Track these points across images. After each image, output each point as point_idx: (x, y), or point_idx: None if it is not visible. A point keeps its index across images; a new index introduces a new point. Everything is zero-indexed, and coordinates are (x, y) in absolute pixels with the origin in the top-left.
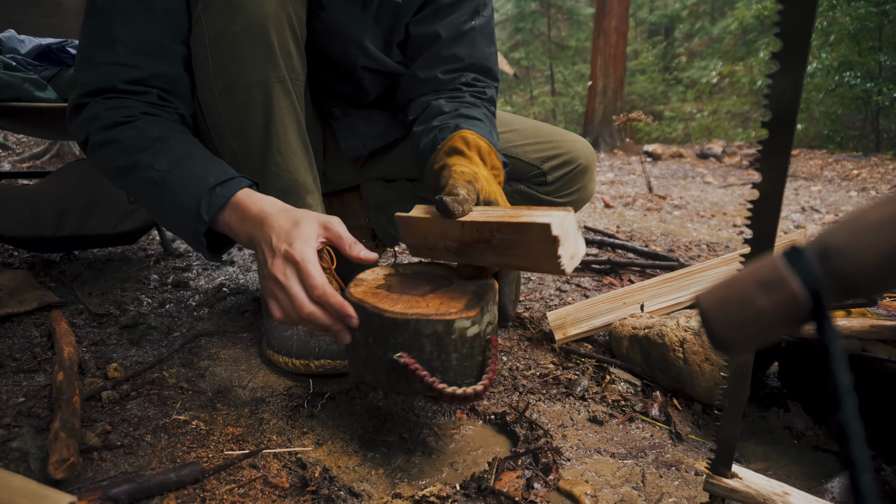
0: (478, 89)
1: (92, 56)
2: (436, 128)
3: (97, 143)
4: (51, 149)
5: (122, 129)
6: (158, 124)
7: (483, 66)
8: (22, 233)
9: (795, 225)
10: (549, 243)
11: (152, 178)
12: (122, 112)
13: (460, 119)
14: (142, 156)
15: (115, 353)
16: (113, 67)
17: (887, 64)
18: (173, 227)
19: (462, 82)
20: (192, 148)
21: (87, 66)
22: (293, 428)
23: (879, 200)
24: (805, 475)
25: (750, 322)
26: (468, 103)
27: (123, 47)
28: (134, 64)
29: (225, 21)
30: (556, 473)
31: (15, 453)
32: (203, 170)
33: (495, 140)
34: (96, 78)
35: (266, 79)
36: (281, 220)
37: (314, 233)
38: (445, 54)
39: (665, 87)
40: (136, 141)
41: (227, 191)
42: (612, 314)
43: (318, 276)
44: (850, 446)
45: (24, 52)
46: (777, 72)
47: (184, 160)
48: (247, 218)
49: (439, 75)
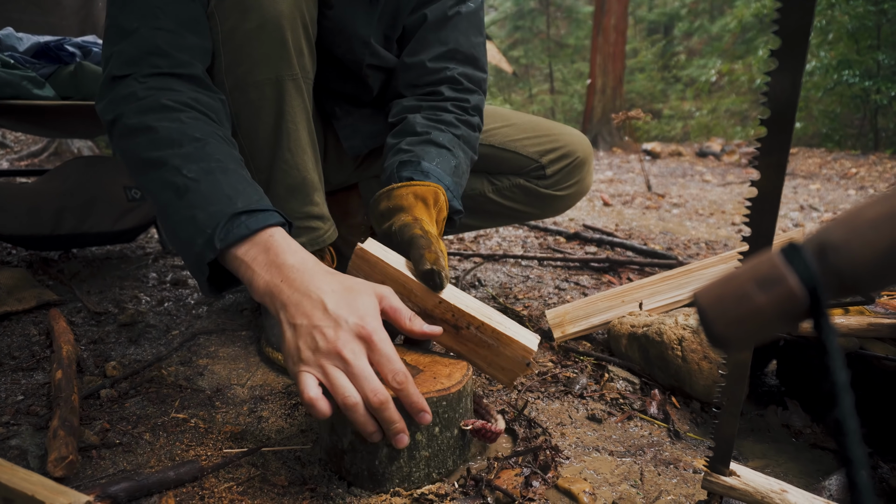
0: (461, 99)
1: (126, 24)
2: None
3: (129, 126)
4: (49, 147)
5: (163, 118)
6: (204, 123)
7: (470, 54)
8: (20, 231)
9: (794, 223)
10: (520, 362)
11: (174, 183)
12: (168, 94)
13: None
14: (172, 154)
15: (113, 352)
16: (154, 31)
17: (886, 62)
18: (178, 245)
19: (448, 77)
20: (230, 162)
21: (122, 35)
22: (292, 426)
23: (877, 197)
24: (803, 473)
25: (747, 319)
26: (444, 124)
27: (163, 13)
28: (175, 30)
29: (237, 18)
30: (554, 471)
31: (14, 451)
32: (234, 190)
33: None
34: (137, 42)
35: (279, 76)
36: (332, 285)
37: (376, 305)
38: (431, 38)
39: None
40: (172, 134)
41: (255, 223)
42: (610, 312)
43: (399, 363)
44: (847, 442)
45: (23, 49)
46: (776, 70)
47: (216, 172)
48: (277, 265)
49: (427, 63)
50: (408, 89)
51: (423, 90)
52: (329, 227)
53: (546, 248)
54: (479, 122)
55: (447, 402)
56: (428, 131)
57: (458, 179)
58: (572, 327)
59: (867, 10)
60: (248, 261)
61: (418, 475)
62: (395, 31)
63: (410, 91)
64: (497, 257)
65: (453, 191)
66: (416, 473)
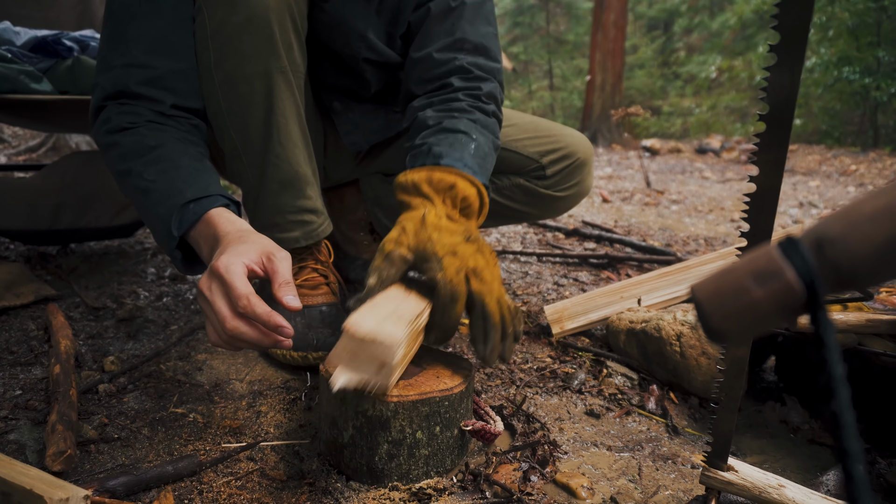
0: (472, 87)
1: (108, 59)
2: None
3: (103, 145)
4: (47, 142)
5: (125, 135)
6: (159, 132)
7: (479, 44)
8: (18, 226)
9: (793, 220)
10: None
11: (140, 187)
12: (129, 118)
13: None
14: (135, 163)
15: (111, 347)
16: (127, 69)
17: (886, 59)
18: (156, 237)
19: (457, 67)
20: (184, 158)
21: (104, 69)
22: (290, 421)
23: (874, 191)
24: (801, 468)
25: (744, 313)
26: (457, 111)
27: (136, 47)
28: (146, 64)
29: (226, 12)
30: (552, 466)
31: (12, 445)
32: (185, 183)
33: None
34: (112, 81)
35: (268, 69)
36: (232, 239)
37: (251, 255)
38: (436, 30)
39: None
40: (134, 147)
41: (200, 208)
42: (609, 308)
43: (243, 287)
44: (844, 435)
45: (20, 43)
46: (775, 65)
47: (170, 171)
48: (210, 237)
49: (434, 54)
50: (418, 85)
51: (434, 84)
52: (323, 220)
53: (545, 245)
54: (494, 110)
55: (449, 402)
56: (440, 121)
57: (481, 161)
58: (571, 323)
59: (867, 6)
60: (198, 241)
61: (417, 473)
62: (399, 28)
63: (421, 87)
64: (496, 253)
65: (472, 167)
66: (414, 471)
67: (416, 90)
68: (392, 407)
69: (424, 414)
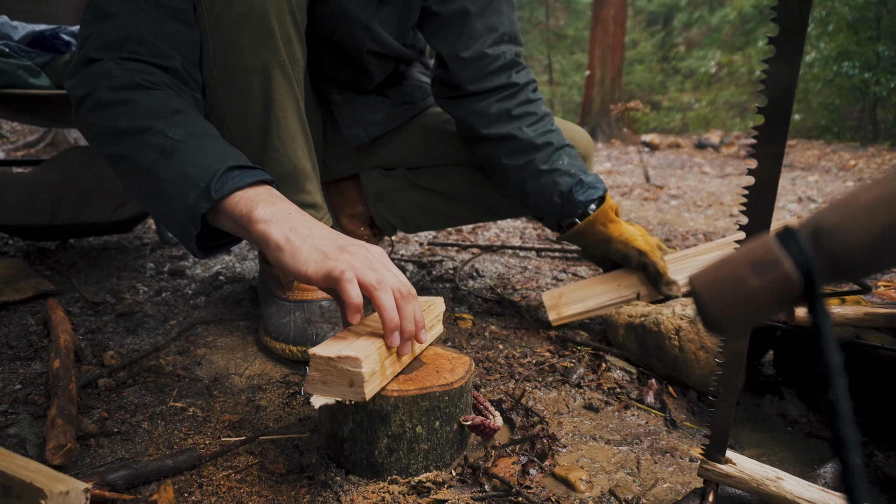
0: (529, 81)
1: (108, 7)
2: (548, 174)
3: (103, 100)
4: (45, 137)
5: (141, 92)
6: (182, 100)
7: (513, 33)
8: (17, 221)
9: (792, 215)
10: None
11: (160, 145)
12: (144, 76)
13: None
14: (156, 121)
15: (111, 342)
16: (136, 16)
17: (885, 54)
18: (163, 205)
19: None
20: (213, 129)
21: (101, 17)
22: (290, 415)
23: (872, 182)
24: (798, 461)
25: (742, 302)
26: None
27: (144, 2)
28: (157, 18)
29: (223, 5)
30: (551, 459)
31: (12, 439)
32: (222, 150)
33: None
34: (116, 26)
35: (266, 63)
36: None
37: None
38: (480, 27)
39: (663, 76)
40: (153, 107)
41: (248, 176)
42: (606, 295)
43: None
44: (840, 424)
45: (18, 38)
46: (774, 58)
47: (202, 136)
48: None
49: (487, 51)
50: (474, 82)
51: (493, 82)
52: (323, 215)
53: (544, 240)
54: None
55: (449, 396)
56: (549, 140)
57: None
58: (567, 309)
59: (867, 1)
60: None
61: (416, 467)
62: (412, 16)
63: (477, 84)
64: (495, 248)
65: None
66: (413, 465)
67: (472, 88)
68: (392, 401)
69: (424, 408)
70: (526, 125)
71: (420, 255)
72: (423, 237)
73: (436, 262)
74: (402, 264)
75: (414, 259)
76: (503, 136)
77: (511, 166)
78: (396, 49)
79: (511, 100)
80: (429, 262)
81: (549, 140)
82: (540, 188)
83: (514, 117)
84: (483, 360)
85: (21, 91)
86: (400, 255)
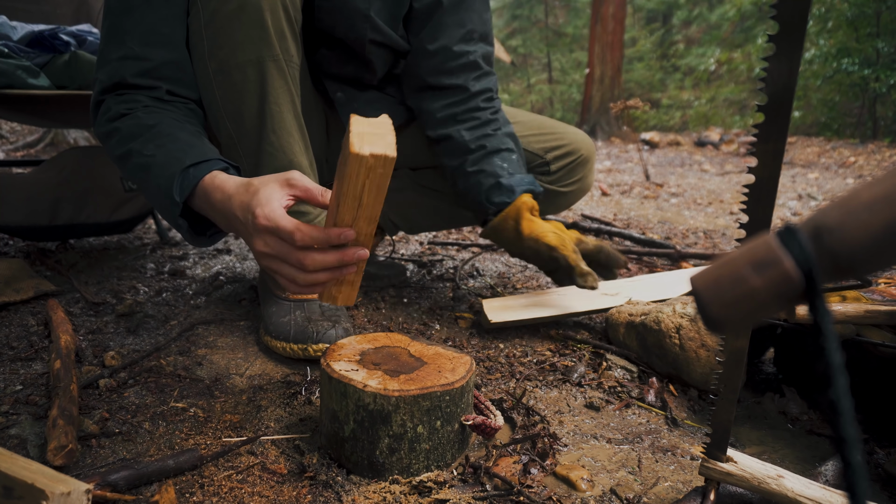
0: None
1: (106, 53)
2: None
3: (103, 134)
4: (45, 137)
5: (123, 120)
6: (156, 113)
7: (483, 32)
8: (17, 222)
9: (792, 212)
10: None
11: (140, 164)
12: (128, 105)
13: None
14: (134, 143)
15: (112, 342)
16: (123, 62)
17: (885, 51)
18: (162, 213)
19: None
20: (179, 132)
21: (102, 64)
22: (291, 415)
23: (872, 180)
24: (799, 459)
25: (743, 301)
26: (486, 125)
27: (131, 40)
28: (141, 56)
29: (218, 1)
30: (552, 458)
31: (13, 440)
32: (182, 152)
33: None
34: (109, 74)
35: (260, 57)
36: (241, 195)
37: (275, 193)
38: (449, 21)
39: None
40: (132, 129)
41: (200, 171)
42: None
43: (289, 224)
44: (841, 422)
45: (17, 38)
46: (774, 55)
47: (168, 144)
48: (215, 202)
49: (452, 47)
50: (433, 76)
51: (450, 80)
52: (319, 212)
53: None
54: (500, 102)
55: (450, 396)
56: (482, 144)
57: (524, 166)
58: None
59: None
60: (203, 206)
61: (417, 467)
62: (402, 8)
63: (435, 78)
64: (495, 247)
65: (532, 182)
66: (415, 465)
67: (430, 80)
68: (393, 401)
69: (425, 408)
70: (465, 128)
71: (420, 255)
72: (424, 236)
73: (436, 261)
74: (403, 263)
75: (414, 258)
76: (443, 136)
77: (447, 166)
78: (395, 39)
79: (459, 105)
80: (429, 261)
81: (482, 144)
82: (467, 188)
83: (458, 121)
84: (484, 360)
85: (20, 91)
86: (400, 254)
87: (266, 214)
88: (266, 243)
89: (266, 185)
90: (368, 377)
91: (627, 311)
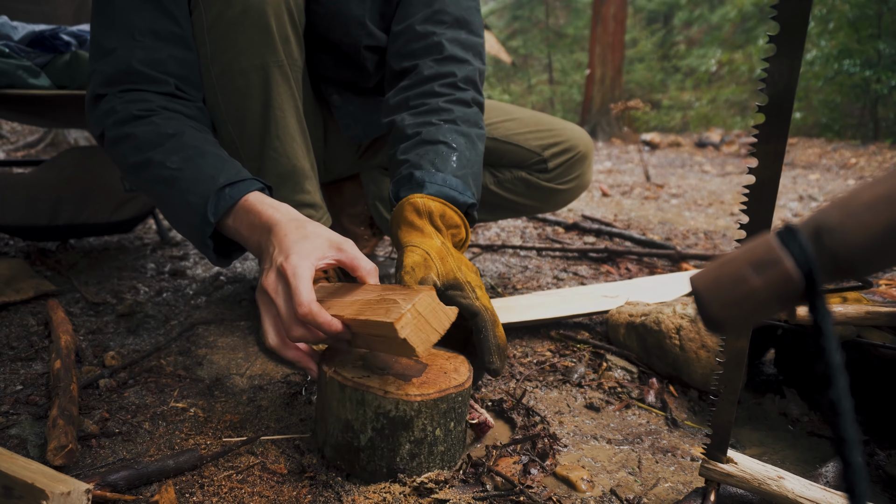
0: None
1: (106, 43)
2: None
3: (112, 138)
4: (45, 137)
5: (138, 124)
6: (175, 120)
7: (459, 16)
8: (17, 221)
9: (793, 213)
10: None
11: (163, 177)
12: (140, 105)
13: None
14: (155, 153)
15: (112, 342)
16: (130, 50)
17: (886, 52)
18: (183, 229)
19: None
20: (207, 146)
21: (102, 54)
22: (291, 415)
23: (872, 180)
24: (800, 460)
25: (743, 301)
26: (433, 113)
27: (139, 32)
28: (151, 46)
29: (222, 5)
30: (552, 459)
31: (13, 440)
32: (214, 169)
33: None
34: (113, 62)
35: (264, 63)
36: (289, 231)
37: (320, 251)
38: (416, 2)
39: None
40: (150, 137)
41: (237, 192)
42: None
43: (306, 294)
44: (841, 423)
45: (17, 38)
46: (774, 56)
47: (196, 158)
48: (256, 224)
49: (415, 26)
50: (395, 59)
51: (408, 62)
52: (322, 215)
53: (545, 239)
54: (474, 96)
55: (462, 397)
56: (418, 131)
57: (464, 170)
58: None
59: None
60: (238, 227)
61: (433, 469)
62: (391, 7)
63: (397, 61)
64: (496, 247)
65: (457, 187)
66: (431, 468)
67: (393, 65)
68: (416, 406)
69: (443, 410)
70: (409, 114)
71: None
72: None
73: None
74: None
75: None
76: (389, 124)
77: (389, 154)
78: (386, 41)
79: (411, 90)
80: None
81: (418, 131)
82: (392, 176)
83: (408, 107)
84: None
85: (21, 91)
86: None
87: (295, 267)
88: (276, 290)
89: (318, 238)
90: (384, 383)
91: (627, 311)
